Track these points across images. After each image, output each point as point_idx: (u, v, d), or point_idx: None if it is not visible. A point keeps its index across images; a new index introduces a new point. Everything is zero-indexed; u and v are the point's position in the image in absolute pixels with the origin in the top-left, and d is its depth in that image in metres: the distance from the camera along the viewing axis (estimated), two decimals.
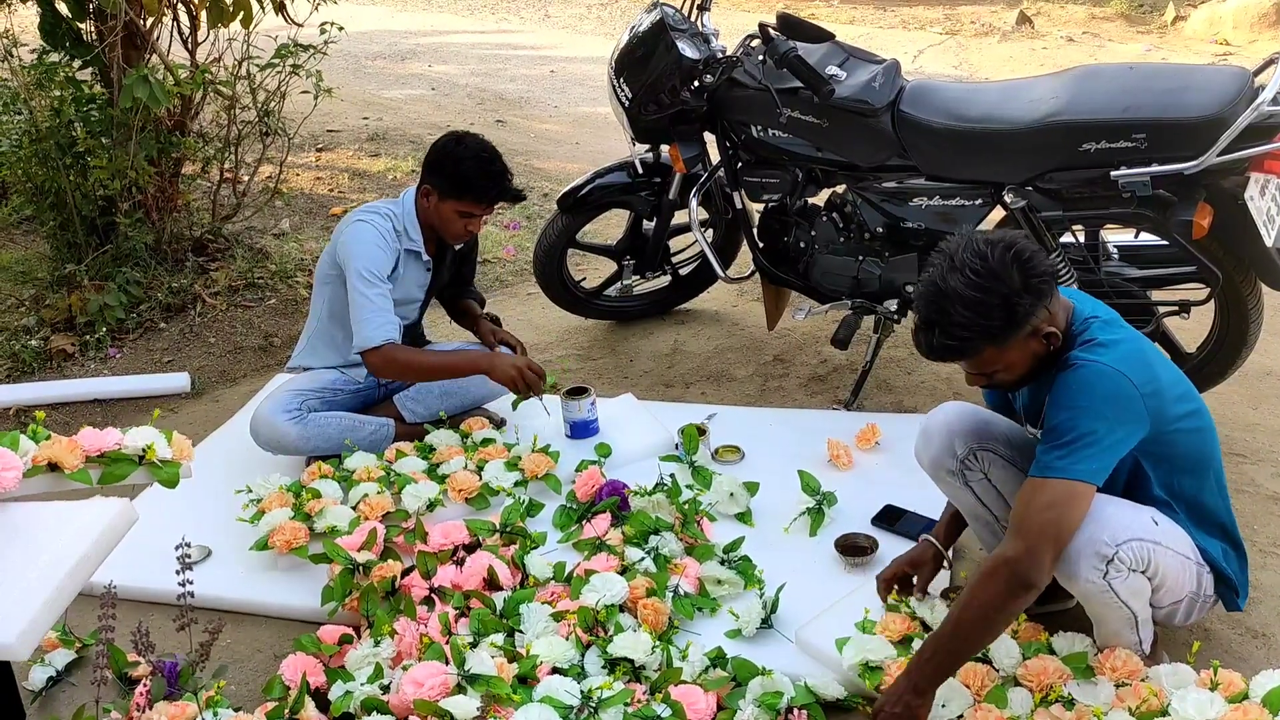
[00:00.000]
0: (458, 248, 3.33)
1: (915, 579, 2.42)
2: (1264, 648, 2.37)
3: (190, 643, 2.14)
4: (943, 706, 2.09)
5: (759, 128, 3.42)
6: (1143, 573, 2.02)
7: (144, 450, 2.13)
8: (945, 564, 2.45)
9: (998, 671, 2.15)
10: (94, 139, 4.31)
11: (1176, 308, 3.07)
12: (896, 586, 2.42)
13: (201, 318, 4.51)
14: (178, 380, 3.98)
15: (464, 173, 3.06)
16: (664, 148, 3.78)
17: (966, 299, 1.96)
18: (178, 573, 2.16)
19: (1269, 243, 2.79)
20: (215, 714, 2.15)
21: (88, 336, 4.28)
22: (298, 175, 6.28)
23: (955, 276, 1.97)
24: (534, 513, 2.90)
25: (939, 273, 2.01)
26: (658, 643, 2.34)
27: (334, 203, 5.89)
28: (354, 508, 2.86)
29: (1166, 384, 2.05)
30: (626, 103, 3.60)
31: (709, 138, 3.68)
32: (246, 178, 5.15)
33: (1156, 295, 3.13)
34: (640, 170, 3.85)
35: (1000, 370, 2.08)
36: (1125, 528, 1.98)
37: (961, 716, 2.06)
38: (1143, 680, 2.06)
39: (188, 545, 2.23)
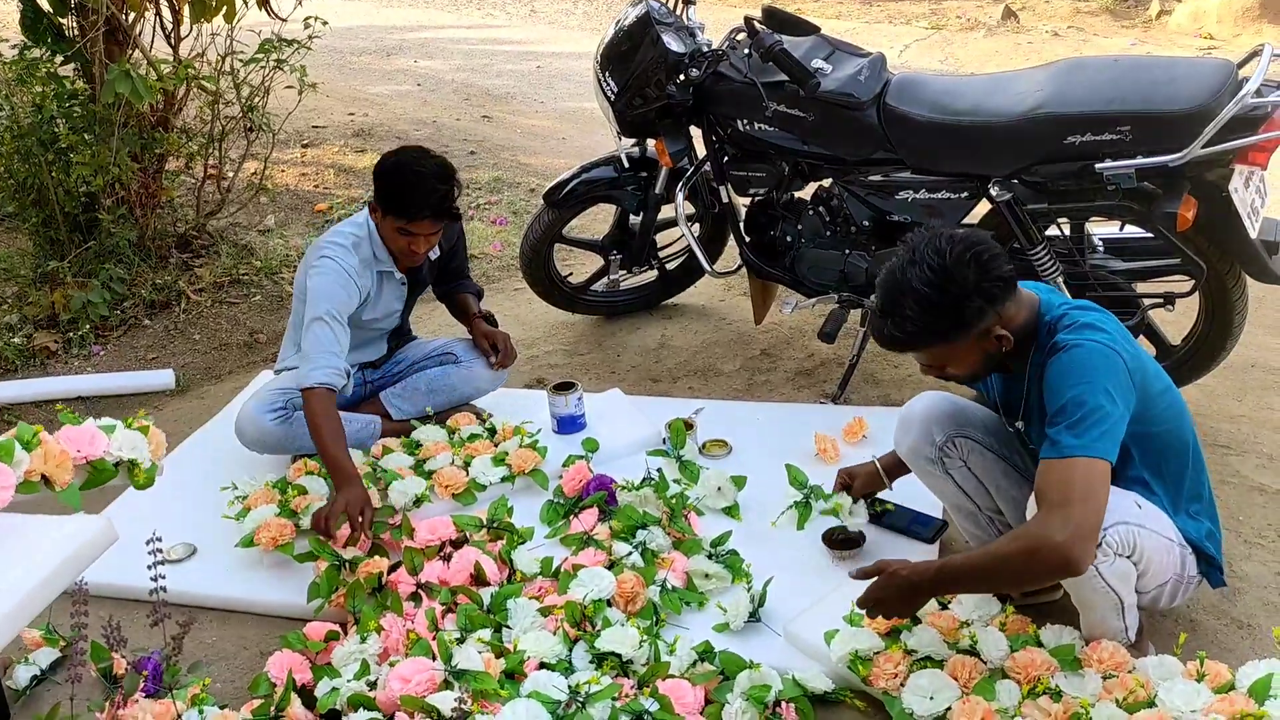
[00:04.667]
0: (434, 256, 3.28)
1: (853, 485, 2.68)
2: (1249, 638, 2.38)
3: (164, 637, 2.12)
4: (930, 698, 2.09)
5: (745, 121, 3.41)
6: (1128, 557, 2.02)
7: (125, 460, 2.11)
8: (887, 484, 2.67)
9: (985, 664, 2.16)
10: (76, 135, 4.28)
11: (1161, 300, 3.08)
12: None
13: (186, 314, 4.48)
14: (162, 377, 3.96)
15: (394, 187, 2.97)
16: (650, 142, 3.77)
17: (919, 295, 2.00)
18: (150, 567, 2.13)
19: (1253, 235, 2.80)
20: (200, 712, 2.14)
21: (71, 334, 4.26)
22: (283, 171, 6.25)
23: (913, 270, 2.01)
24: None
25: (900, 264, 2.05)
26: (645, 637, 2.33)
27: (319, 198, 5.87)
28: None
29: (1147, 360, 2.12)
30: (612, 97, 3.59)
31: (695, 132, 3.68)
32: (231, 174, 5.13)
33: (1141, 288, 3.14)
34: (626, 165, 3.84)
35: (950, 364, 2.13)
36: (1110, 512, 1.98)
37: (949, 708, 2.06)
38: (1130, 672, 2.06)
39: (158, 540, 2.20)
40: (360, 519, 2.63)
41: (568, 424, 3.24)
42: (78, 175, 4.25)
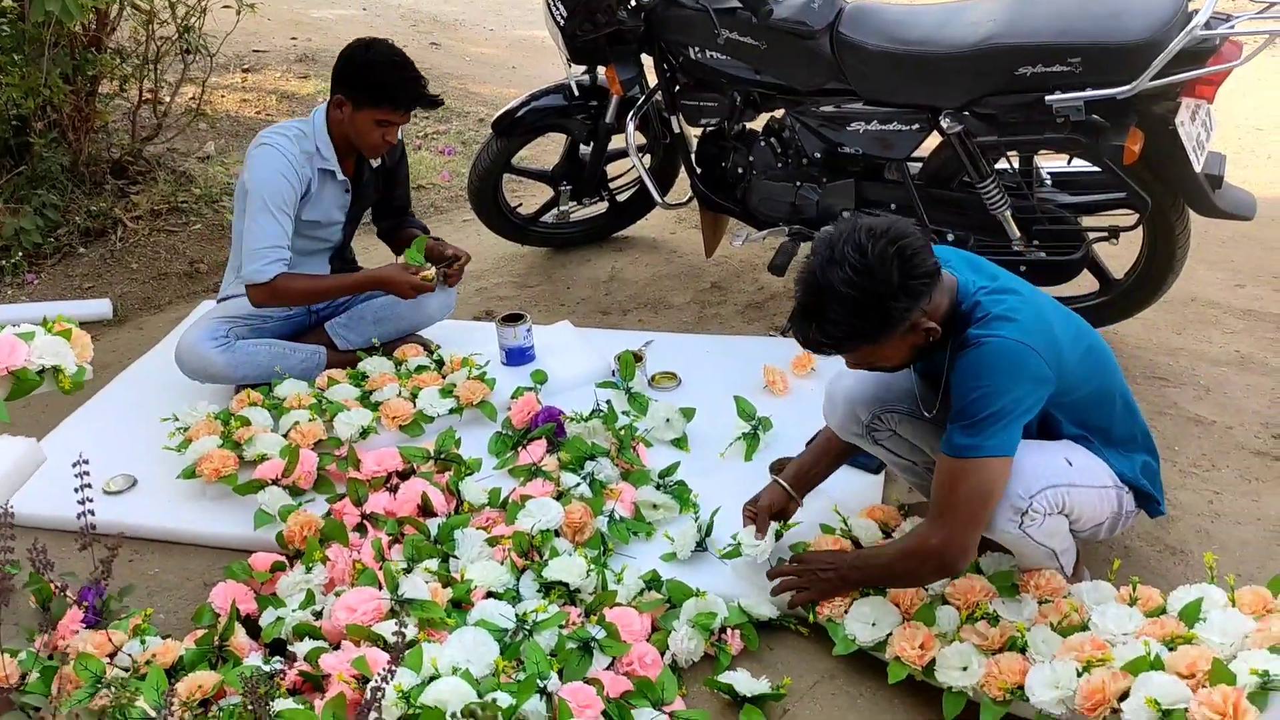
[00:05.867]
0: (376, 164, 3.20)
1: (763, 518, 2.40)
2: (1181, 564, 2.44)
3: (93, 561, 2.07)
4: (873, 625, 2.13)
5: (697, 49, 3.36)
6: (1059, 513, 2.06)
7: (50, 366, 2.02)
8: (798, 502, 2.42)
9: (926, 590, 2.20)
10: (5, 55, 4.11)
11: (1106, 234, 3.10)
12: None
13: (123, 243, 4.36)
14: (99, 307, 3.87)
15: (378, 79, 2.93)
16: (600, 70, 3.71)
17: (842, 297, 1.88)
18: (76, 490, 2.08)
19: (1197, 168, 2.82)
20: (143, 642, 2.12)
21: (3, 262, 4.13)
22: (223, 97, 6.07)
23: (834, 271, 1.88)
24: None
25: (819, 264, 1.91)
26: (592, 566, 2.34)
27: (261, 125, 5.69)
28: (285, 435, 2.82)
29: (1063, 335, 2.04)
30: (562, 22, 3.51)
31: (646, 60, 3.62)
32: (167, 98, 4.96)
33: (1087, 221, 3.16)
34: (576, 93, 3.77)
35: (878, 361, 2.06)
36: (1038, 477, 2.00)
37: (890, 634, 2.10)
38: (1065, 597, 2.11)
39: (85, 462, 2.14)
40: (411, 277, 3.02)
41: (516, 356, 3.22)
42: (7, 97, 4.09)
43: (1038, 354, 1.93)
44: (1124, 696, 1.80)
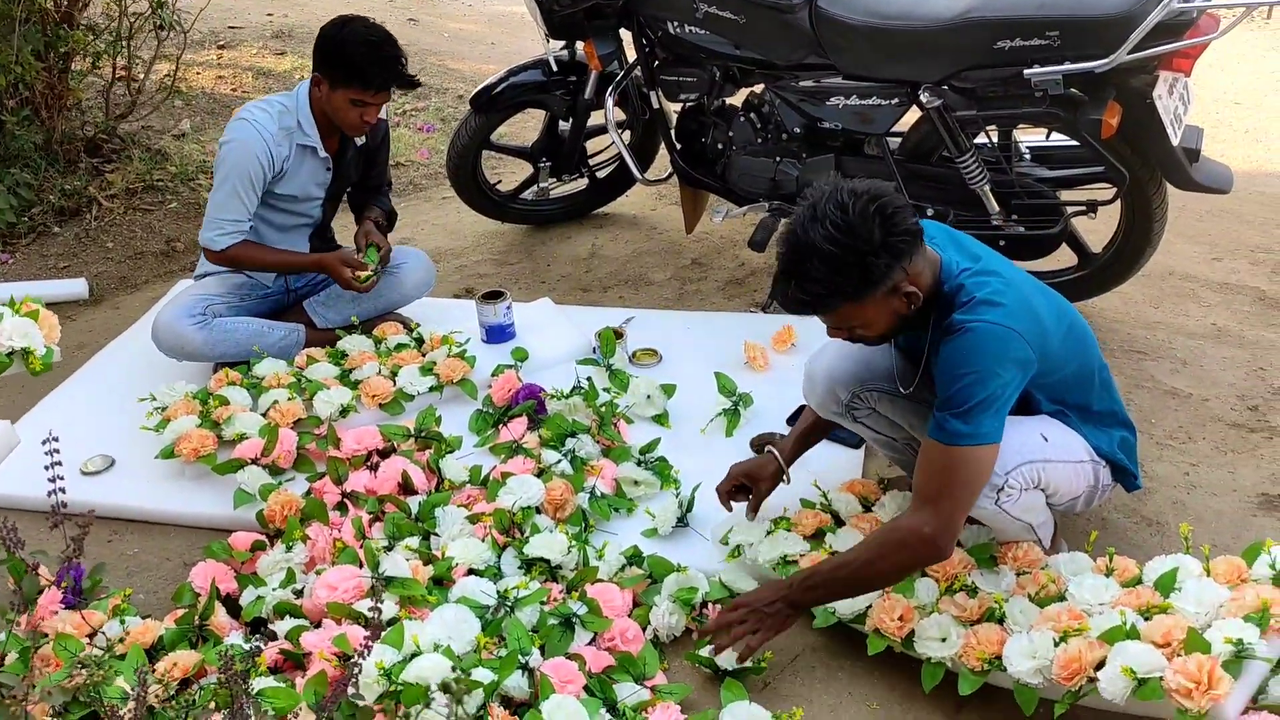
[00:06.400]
0: (360, 143, 3.18)
1: (752, 493, 2.41)
2: (1157, 535, 2.47)
3: (64, 539, 2.06)
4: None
5: (676, 24, 3.34)
6: (1035, 488, 2.07)
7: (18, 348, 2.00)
8: (785, 479, 2.42)
9: None
10: None
11: (1084, 208, 3.11)
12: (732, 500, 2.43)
13: (98, 221, 4.31)
14: (74, 286, 3.83)
15: (352, 58, 2.88)
16: (579, 45, 3.68)
17: (823, 254, 1.88)
18: (47, 468, 2.07)
19: (1175, 142, 2.83)
20: (122, 622, 2.11)
21: None
22: (198, 74, 6.00)
23: (815, 229, 1.88)
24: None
25: (800, 222, 1.91)
26: (573, 543, 2.34)
27: (237, 103, 5.64)
28: (264, 414, 2.80)
29: (1046, 316, 2.04)
30: None
31: (625, 35, 3.59)
32: (141, 75, 4.90)
33: (1065, 196, 3.16)
34: (555, 68, 3.75)
35: (858, 326, 2.03)
36: (1014, 454, 2.01)
37: (870, 606, 2.11)
38: (1042, 569, 2.13)
39: (55, 439, 2.12)
40: (351, 270, 3.04)
41: (497, 333, 3.21)
42: None
43: (1022, 338, 1.93)
44: (1100, 666, 1.82)
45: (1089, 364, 2.17)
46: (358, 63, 2.88)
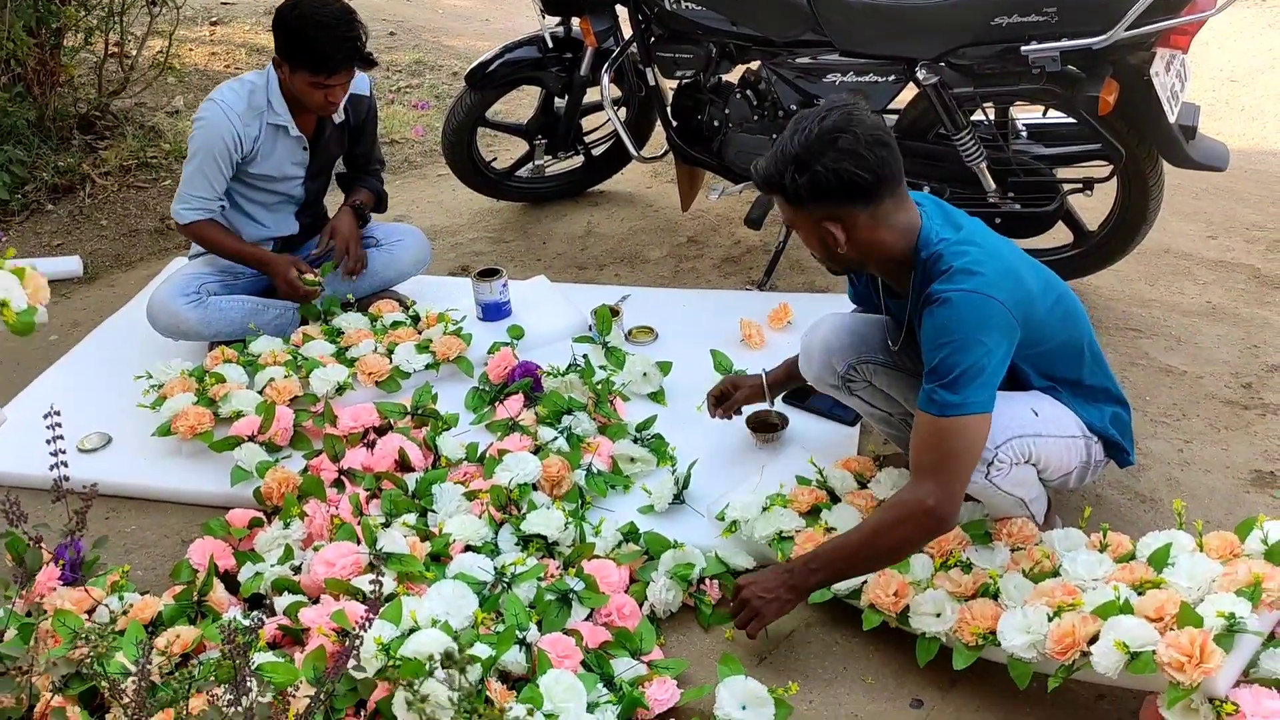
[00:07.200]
0: (339, 120, 3.13)
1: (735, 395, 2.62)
2: (1151, 511, 2.48)
3: (66, 513, 2.07)
4: None
5: (671, 0, 3.32)
6: (1025, 463, 2.08)
7: None
8: (767, 401, 2.61)
9: None
10: None
11: (1081, 185, 3.11)
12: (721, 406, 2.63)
13: (92, 199, 4.30)
14: (69, 264, 3.82)
15: (305, 42, 2.83)
16: (575, 21, 3.66)
17: (784, 141, 1.96)
18: (49, 442, 2.07)
19: (1172, 119, 2.82)
20: (121, 598, 2.12)
21: None
22: (191, 50, 5.96)
23: (805, 121, 1.96)
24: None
25: (810, 113, 1.99)
26: (570, 519, 2.35)
27: (231, 79, 5.61)
28: (260, 392, 2.80)
29: (1032, 285, 2.04)
30: None
31: (621, 11, 3.57)
32: (134, 51, 4.87)
33: (1062, 173, 3.16)
34: (550, 45, 3.73)
35: (796, 229, 2.08)
36: (1004, 429, 2.02)
37: (865, 582, 2.12)
38: (1037, 545, 2.14)
39: (57, 414, 2.12)
40: (299, 277, 3.05)
41: (493, 311, 3.21)
42: None
43: (1002, 305, 1.93)
44: (1093, 640, 1.83)
45: (1078, 337, 2.17)
46: (311, 46, 2.83)
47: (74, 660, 1.72)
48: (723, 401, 2.64)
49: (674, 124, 3.62)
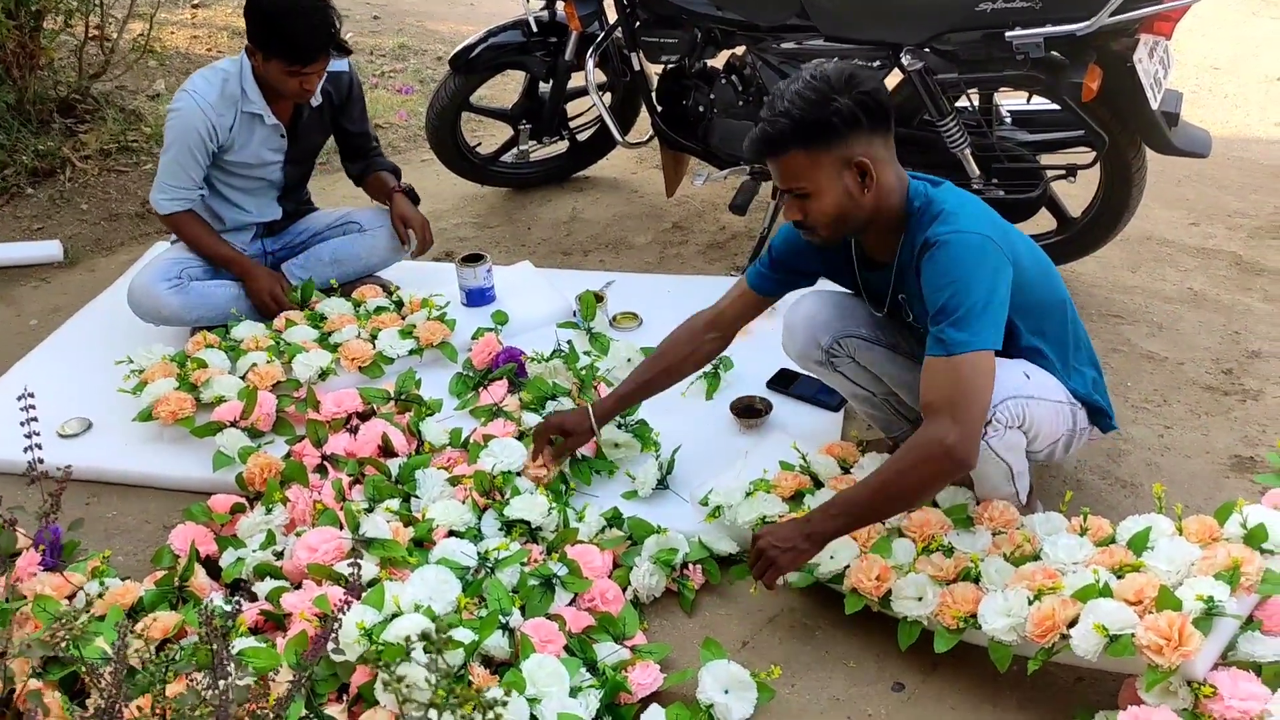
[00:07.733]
0: (317, 104, 3.09)
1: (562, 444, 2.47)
2: (1131, 496, 2.50)
3: (42, 495, 2.05)
4: (831, 556, 2.16)
5: None
6: (1018, 428, 2.09)
7: None
8: (596, 432, 2.47)
9: (883, 523, 2.23)
10: None
11: (1064, 172, 3.12)
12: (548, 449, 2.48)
13: (72, 183, 4.27)
14: (49, 248, 3.79)
15: (278, 29, 2.79)
16: (559, 5, 3.65)
17: (792, 96, 1.97)
18: (23, 424, 2.05)
19: (1154, 106, 2.83)
20: (101, 584, 2.11)
21: None
22: (172, 34, 5.91)
23: (796, 80, 2.00)
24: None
25: (791, 77, 2.04)
26: (554, 505, 2.35)
27: (213, 63, 5.57)
28: (242, 377, 2.79)
29: (1008, 226, 2.12)
30: None
31: None
32: (115, 34, 4.82)
33: (1045, 160, 3.17)
34: (535, 29, 3.71)
35: (810, 189, 2.02)
36: (1000, 388, 2.02)
37: (848, 566, 2.13)
38: (1018, 529, 2.15)
39: (30, 395, 2.10)
40: (278, 299, 3.06)
41: (477, 296, 3.20)
42: None
43: (994, 241, 1.98)
44: (1073, 623, 1.84)
45: (1058, 292, 2.21)
46: (284, 34, 2.79)
47: (48, 644, 1.71)
48: (553, 445, 2.47)
49: (659, 109, 3.61)
